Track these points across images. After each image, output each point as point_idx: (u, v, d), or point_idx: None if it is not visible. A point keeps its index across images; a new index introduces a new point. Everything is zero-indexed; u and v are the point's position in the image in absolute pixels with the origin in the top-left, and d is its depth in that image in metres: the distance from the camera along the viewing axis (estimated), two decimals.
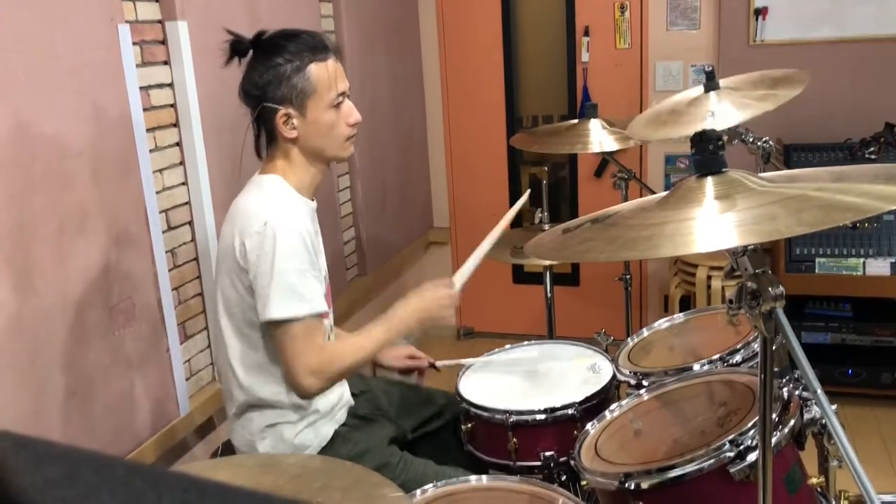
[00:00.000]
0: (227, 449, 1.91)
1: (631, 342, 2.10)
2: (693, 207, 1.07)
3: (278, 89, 1.66)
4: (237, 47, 1.69)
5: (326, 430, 1.79)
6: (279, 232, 1.61)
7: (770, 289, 1.02)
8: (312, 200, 1.77)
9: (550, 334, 2.69)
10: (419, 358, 2.08)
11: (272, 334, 1.67)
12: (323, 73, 1.67)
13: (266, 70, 1.66)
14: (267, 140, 1.74)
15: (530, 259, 2.46)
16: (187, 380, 2.21)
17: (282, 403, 1.74)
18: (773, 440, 1.25)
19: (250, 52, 1.69)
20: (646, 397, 1.74)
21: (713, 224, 1.03)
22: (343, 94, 1.71)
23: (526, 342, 2.23)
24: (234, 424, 1.79)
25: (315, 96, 1.67)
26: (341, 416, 1.85)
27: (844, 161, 3.12)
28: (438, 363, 2.08)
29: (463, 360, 2.10)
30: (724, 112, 1.89)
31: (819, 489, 1.39)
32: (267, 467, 1.43)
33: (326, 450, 1.78)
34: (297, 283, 1.62)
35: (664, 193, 1.19)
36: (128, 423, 1.96)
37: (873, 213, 0.95)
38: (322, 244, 1.85)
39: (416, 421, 2.00)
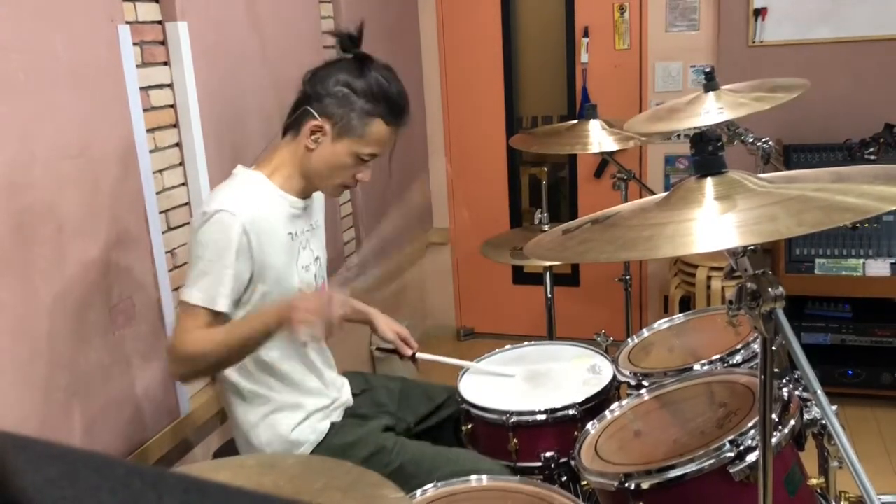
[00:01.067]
0: (227, 450, 1.91)
1: (631, 343, 2.10)
2: (693, 208, 1.07)
3: (334, 108, 1.66)
4: (345, 44, 1.69)
5: (323, 425, 1.79)
6: (211, 220, 1.60)
7: (770, 289, 1.02)
8: (304, 199, 1.76)
9: (550, 335, 2.69)
10: (408, 344, 2.01)
11: None
12: (379, 132, 1.68)
13: (343, 85, 1.65)
14: (291, 127, 1.72)
15: (530, 260, 2.47)
16: None
17: (261, 396, 1.74)
18: (773, 441, 1.25)
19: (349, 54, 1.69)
20: (646, 398, 1.74)
21: (713, 224, 1.03)
22: (374, 155, 1.72)
23: (527, 342, 2.24)
24: (232, 413, 1.79)
25: (356, 141, 1.67)
26: (336, 416, 1.85)
27: (844, 161, 3.12)
28: (418, 355, 2.03)
29: (446, 360, 2.08)
30: (720, 109, 1.89)
31: (819, 490, 1.39)
32: (267, 468, 1.43)
33: (321, 444, 1.78)
34: (201, 271, 1.59)
35: (664, 194, 1.19)
36: (128, 423, 1.96)
37: (873, 214, 0.95)
38: (317, 239, 1.84)
39: (419, 414, 2.00)
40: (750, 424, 1.35)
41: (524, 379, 2.03)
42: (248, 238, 1.61)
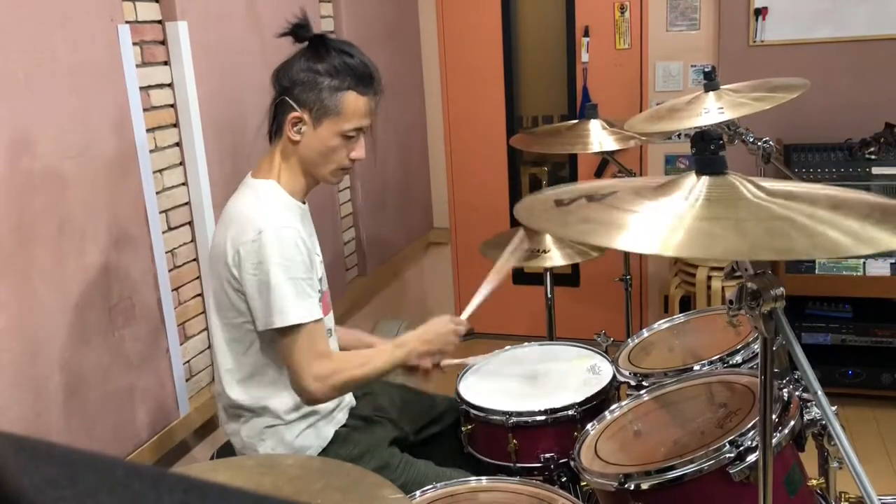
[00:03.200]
0: (227, 450, 1.91)
1: (631, 343, 2.10)
2: (683, 206, 1.03)
3: (306, 94, 1.66)
4: (298, 32, 1.69)
5: (327, 431, 1.79)
6: (273, 241, 1.60)
7: (770, 289, 1.02)
8: (304, 203, 1.77)
9: (550, 335, 2.69)
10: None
11: (275, 342, 1.67)
12: (355, 104, 1.68)
13: (306, 71, 1.66)
14: (275, 130, 1.74)
15: (530, 261, 2.47)
16: (187, 380, 2.21)
17: (266, 410, 1.74)
18: (773, 441, 1.25)
19: (306, 42, 1.69)
20: (646, 398, 1.74)
21: (696, 227, 0.98)
22: (360, 129, 1.71)
23: (526, 343, 2.23)
24: (233, 426, 1.79)
25: (335, 119, 1.67)
26: (341, 417, 1.85)
27: (844, 161, 3.13)
28: (443, 363, 2.06)
29: (467, 360, 2.08)
30: (721, 109, 1.89)
31: (819, 490, 1.39)
32: (267, 468, 1.43)
33: (326, 451, 1.78)
34: (292, 292, 1.61)
35: (661, 180, 1.14)
36: (127, 423, 1.96)
37: (847, 256, 0.93)
38: (318, 246, 1.85)
39: (418, 424, 2.00)
40: (750, 425, 1.35)
41: (524, 379, 2.03)
42: (304, 247, 1.65)
